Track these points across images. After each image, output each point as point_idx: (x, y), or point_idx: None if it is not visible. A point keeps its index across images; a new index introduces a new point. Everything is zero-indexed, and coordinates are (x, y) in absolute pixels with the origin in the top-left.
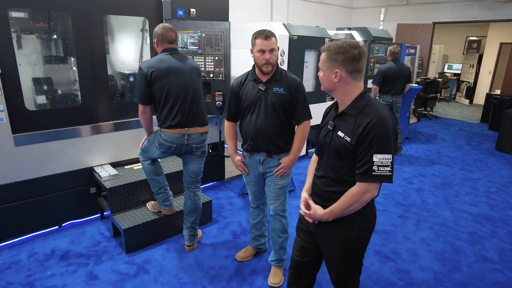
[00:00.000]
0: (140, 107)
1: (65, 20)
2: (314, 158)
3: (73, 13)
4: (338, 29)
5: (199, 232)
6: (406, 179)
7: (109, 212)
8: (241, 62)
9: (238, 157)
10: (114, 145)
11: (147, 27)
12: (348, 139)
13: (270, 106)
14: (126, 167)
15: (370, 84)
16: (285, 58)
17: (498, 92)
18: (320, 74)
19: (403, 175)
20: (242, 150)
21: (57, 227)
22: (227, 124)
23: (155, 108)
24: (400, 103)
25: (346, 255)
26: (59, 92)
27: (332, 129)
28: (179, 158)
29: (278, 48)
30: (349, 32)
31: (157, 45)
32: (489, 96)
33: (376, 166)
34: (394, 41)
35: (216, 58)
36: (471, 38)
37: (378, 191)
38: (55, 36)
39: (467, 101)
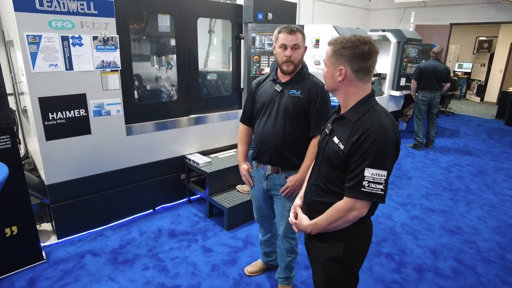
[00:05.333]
0: None
1: (155, 23)
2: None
3: (175, 15)
4: (371, 30)
5: None
6: (444, 168)
7: (206, 194)
8: None
9: (244, 166)
10: (201, 136)
11: (214, 28)
12: (341, 146)
13: (283, 109)
14: (211, 155)
15: (402, 81)
16: None
17: (511, 89)
18: (324, 70)
19: (441, 164)
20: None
21: (152, 210)
22: (240, 127)
23: None
24: (438, 100)
25: (330, 278)
26: (155, 88)
27: (329, 134)
28: None
29: (306, 48)
30: (383, 33)
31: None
32: (504, 94)
33: (366, 182)
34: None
35: None
36: (481, 38)
37: (368, 210)
38: (144, 37)
39: (478, 99)
